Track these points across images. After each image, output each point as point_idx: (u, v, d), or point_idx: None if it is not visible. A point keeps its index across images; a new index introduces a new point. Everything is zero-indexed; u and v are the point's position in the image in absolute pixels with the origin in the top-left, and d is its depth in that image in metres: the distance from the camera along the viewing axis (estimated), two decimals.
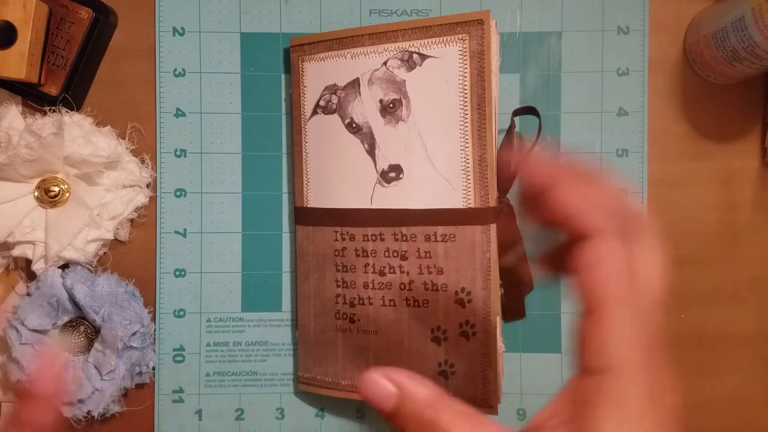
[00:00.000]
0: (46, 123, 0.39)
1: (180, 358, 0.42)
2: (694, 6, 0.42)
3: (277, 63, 0.42)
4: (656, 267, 0.20)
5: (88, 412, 0.39)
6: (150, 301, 0.42)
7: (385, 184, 0.38)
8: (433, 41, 0.37)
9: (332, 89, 0.39)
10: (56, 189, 0.40)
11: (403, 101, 0.38)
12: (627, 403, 0.18)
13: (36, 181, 0.40)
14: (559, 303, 0.42)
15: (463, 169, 0.37)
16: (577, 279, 0.19)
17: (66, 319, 0.40)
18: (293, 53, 0.41)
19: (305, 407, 0.43)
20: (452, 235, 0.37)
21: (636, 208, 0.21)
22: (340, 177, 0.39)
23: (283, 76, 0.43)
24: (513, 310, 0.40)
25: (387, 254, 0.38)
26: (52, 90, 0.40)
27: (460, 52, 0.36)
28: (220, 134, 0.42)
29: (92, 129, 0.40)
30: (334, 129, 0.39)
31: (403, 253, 0.38)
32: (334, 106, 0.39)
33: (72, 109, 0.40)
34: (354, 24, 0.42)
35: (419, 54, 0.37)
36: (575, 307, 0.20)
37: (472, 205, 0.37)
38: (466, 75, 0.36)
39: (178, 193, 0.42)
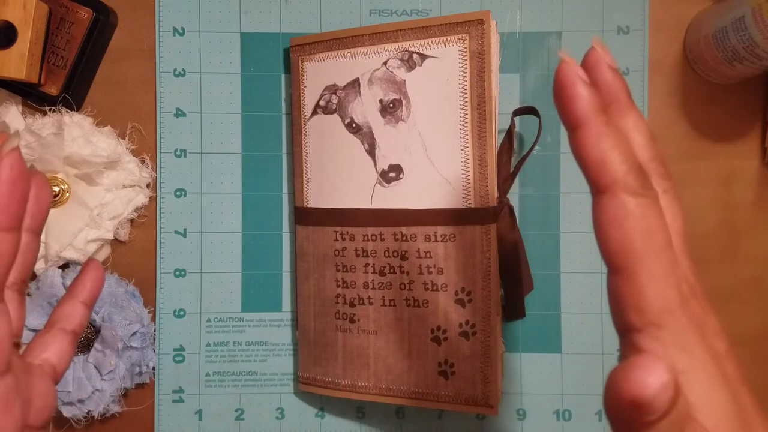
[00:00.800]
0: (46, 123, 0.39)
1: (180, 358, 0.42)
2: (694, 6, 0.42)
3: (277, 63, 0.42)
4: (677, 215, 0.20)
5: (88, 412, 0.39)
6: (150, 301, 0.42)
7: (385, 184, 0.38)
8: (433, 41, 0.37)
9: (332, 89, 0.39)
10: (56, 189, 0.40)
11: (403, 101, 0.38)
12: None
13: None
14: (559, 303, 0.42)
15: (463, 169, 0.37)
16: (599, 235, 0.18)
17: None
18: (293, 53, 0.41)
19: (305, 407, 0.43)
20: (452, 235, 0.37)
21: (657, 151, 0.20)
22: (340, 177, 0.39)
23: (283, 76, 0.43)
24: (513, 310, 0.40)
25: (387, 254, 0.38)
26: (52, 90, 0.40)
27: (460, 52, 0.36)
28: (220, 134, 0.42)
29: (92, 129, 0.40)
30: (334, 129, 0.39)
31: (403, 253, 0.38)
32: (334, 106, 0.39)
33: (72, 109, 0.40)
34: (354, 24, 0.42)
35: (419, 54, 0.37)
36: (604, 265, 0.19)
37: (472, 205, 0.37)
38: (466, 75, 0.36)
39: (178, 193, 0.42)
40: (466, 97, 0.36)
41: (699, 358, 0.18)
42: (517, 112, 0.40)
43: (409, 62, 0.37)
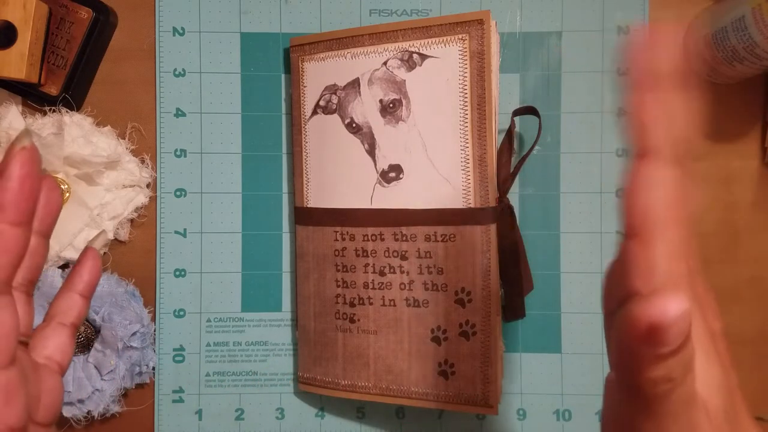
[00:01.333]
0: (46, 123, 0.39)
1: (180, 358, 0.42)
2: (694, 6, 0.42)
3: (277, 63, 0.42)
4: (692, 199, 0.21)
5: (88, 412, 0.39)
6: (150, 301, 0.42)
7: (385, 184, 0.38)
8: (433, 41, 0.37)
9: (332, 89, 0.39)
10: None
11: (403, 101, 0.38)
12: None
13: None
14: (559, 303, 0.42)
15: (463, 170, 0.37)
16: (627, 197, 0.19)
17: None
18: (293, 53, 0.41)
19: (305, 407, 0.43)
20: (452, 235, 0.37)
21: (687, 133, 0.21)
22: (340, 177, 0.39)
23: (283, 76, 0.43)
24: (513, 310, 0.40)
25: (387, 254, 0.38)
26: (52, 90, 0.40)
27: (460, 52, 0.36)
28: (220, 134, 0.42)
29: (92, 129, 0.40)
30: (334, 129, 0.39)
31: (403, 253, 0.38)
32: (334, 106, 0.39)
33: (72, 109, 0.40)
34: (354, 24, 0.42)
35: (419, 54, 0.37)
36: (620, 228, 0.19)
37: (472, 205, 0.37)
38: (466, 75, 0.36)
39: (178, 193, 0.42)
40: (466, 97, 0.36)
41: (698, 332, 0.18)
42: (517, 112, 0.40)
43: (409, 62, 0.37)
